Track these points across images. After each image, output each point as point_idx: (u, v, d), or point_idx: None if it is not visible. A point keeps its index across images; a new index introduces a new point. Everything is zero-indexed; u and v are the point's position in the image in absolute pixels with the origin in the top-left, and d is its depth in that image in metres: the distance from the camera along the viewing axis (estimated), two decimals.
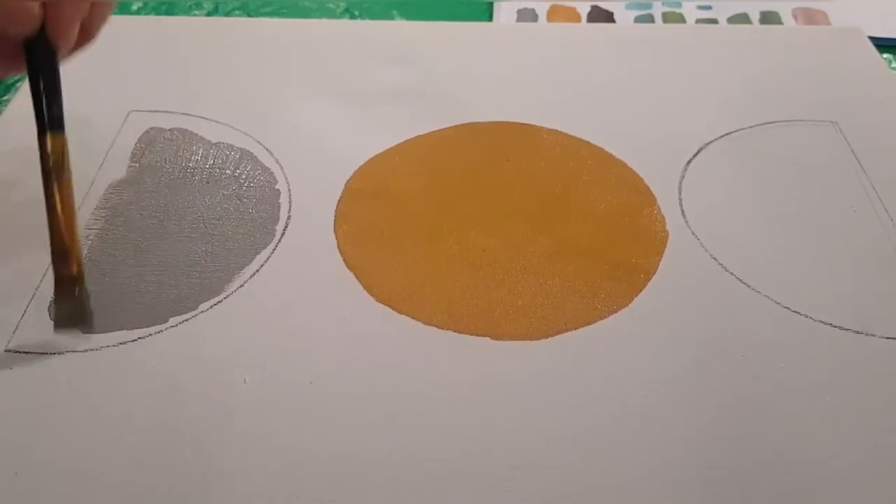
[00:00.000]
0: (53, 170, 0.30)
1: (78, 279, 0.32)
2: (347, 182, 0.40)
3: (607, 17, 0.55)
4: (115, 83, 0.46)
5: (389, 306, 0.34)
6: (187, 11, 0.55)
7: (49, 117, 0.31)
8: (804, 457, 0.29)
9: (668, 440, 0.29)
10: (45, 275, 0.35)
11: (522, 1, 0.55)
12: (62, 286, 0.32)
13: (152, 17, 0.54)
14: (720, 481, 0.28)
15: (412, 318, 0.33)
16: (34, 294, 0.34)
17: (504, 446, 0.29)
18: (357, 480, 0.28)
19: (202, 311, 0.33)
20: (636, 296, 0.34)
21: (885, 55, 0.50)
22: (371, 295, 0.34)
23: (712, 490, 0.28)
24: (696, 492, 0.28)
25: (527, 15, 0.54)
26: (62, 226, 0.31)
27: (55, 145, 0.31)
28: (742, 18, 0.54)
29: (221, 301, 0.34)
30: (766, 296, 0.34)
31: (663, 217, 0.38)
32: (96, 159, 0.41)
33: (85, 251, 0.36)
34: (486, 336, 0.33)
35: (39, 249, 0.35)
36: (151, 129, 0.43)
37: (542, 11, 0.55)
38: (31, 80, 0.31)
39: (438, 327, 0.33)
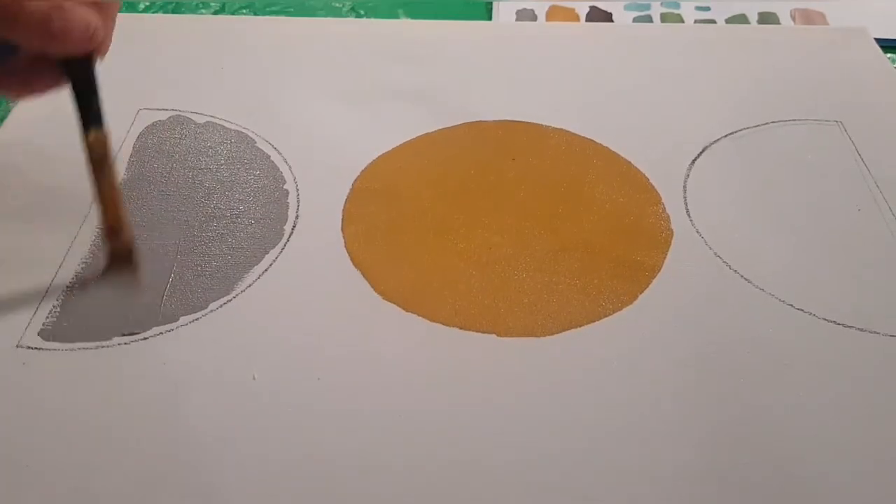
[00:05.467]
0: (98, 161, 0.32)
1: (131, 251, 0.34)
2: (355, 181, 0.40)
3: (606, 17, 0.55)
4: (123, 82, 0.46)
5: (396, 304, 0.34)
6: (194, 10, 0.55)
7: (90, 116, 0.32)
8: (808, 453, 0.29)
9: (671, 437, 0.29)
10: (55, 274, 0.35)
11: (521, 1, 0.56)
12: (117, 259, 0.34)
13: (159, 16, 0.54)
14: (724, 478, 0.28)
15: (419, 315, 0.34)
16: (45, 293, 0.34)
17: (509, 442, 0.29)
18: (363, 476, 0.28)
19: (212, 310, 0.34)
20: (641, 293, 0.35)
21: (888, 55, 0.50)
22: (378, 293, 0.35)
23: (717, 486, 0.28)
24: (700, 488, 0.28)
25: (526, 15, 0.55)
26: (111, 208, 0.33)
27: (98, 140, 0.32)
28: (740, 19, 0.54)
29: (231, 300, 0.34)
30: (770, 293, 0.35)
31: (668, 215, 0.38)
32: None
33: (96, 251, 0.36)
34: (491, 333, 0.33)
35: (49, 250, 0.36)
36: (160, 128, 0.43)
37: (541, 12, 0.55)
38: (72, 87, 0.32)
39: (444, 324, 0.33)
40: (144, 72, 0.47)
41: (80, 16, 0.30)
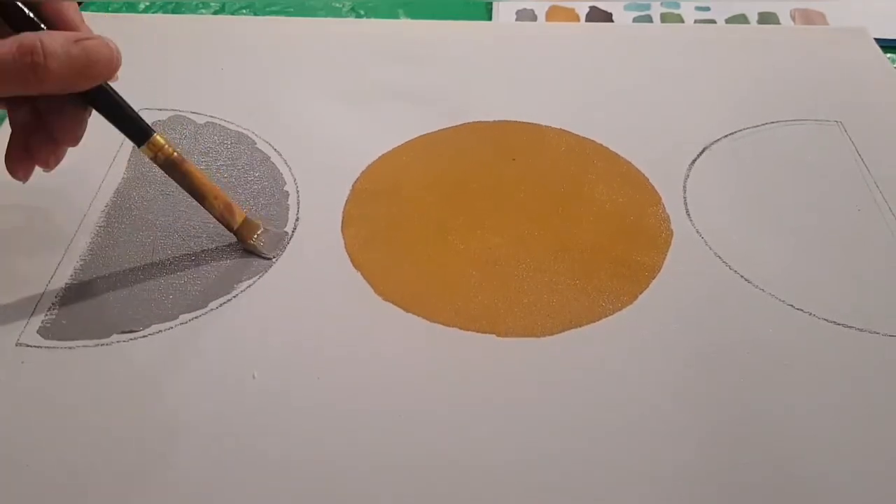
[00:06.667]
0: (170, 166, 0.34)
1: (249, 220, 0.36)
2: (355, 182, 0.40)
3: (606, 17, 0.55)
4: (123, 83, 0.46)
5: (396, 304, 0.34)
6: (194, 10, 0.55)
7: (133, 130, 0.33)
8: (808, 453, 0.29)
9: (671, 437, 0.29)
10: (55, 271, 0.35)
11: (521, 1, 0.56)
12: (244, 233, 0.36)
13: (159, 16, 0.54)
14: (724, 478, 0.28)
15: (418, 315, 0.34)
16: (44, 290, 0.34)
17: (508, 443, 0.29)
18: (363, 475, 0.28)
19: (212, 310, 0.34)
20: (640, 293, 0.35)
21: (888, 55, 0.50)
22: (378, 293, 0.34)
23: (717, 486, 0.28)
24: (700, 488, 0.28)
25: (526, 15, 0.55)
26: (212, 200, 0.35)
27: (155, 149, 0.33)
28: (740, 19, 0.54)
29: (231, 300, 0.34)
30: (770, 293, 0.35)
31: (668, 216, 0.38)
32: (106, 159, 0.41)
33: (95, 249, 0.36)
34: (491, 333, 0.33)
35: (48, 248, 0.36)
36: (160, 129, 0.43)
37: (540, 12, 0.55)
38: (103, 114, 0.33)
39: (444, 325, 0.33)
40: (144, 72, 0.47)
41: (100, 43, 0.30)
